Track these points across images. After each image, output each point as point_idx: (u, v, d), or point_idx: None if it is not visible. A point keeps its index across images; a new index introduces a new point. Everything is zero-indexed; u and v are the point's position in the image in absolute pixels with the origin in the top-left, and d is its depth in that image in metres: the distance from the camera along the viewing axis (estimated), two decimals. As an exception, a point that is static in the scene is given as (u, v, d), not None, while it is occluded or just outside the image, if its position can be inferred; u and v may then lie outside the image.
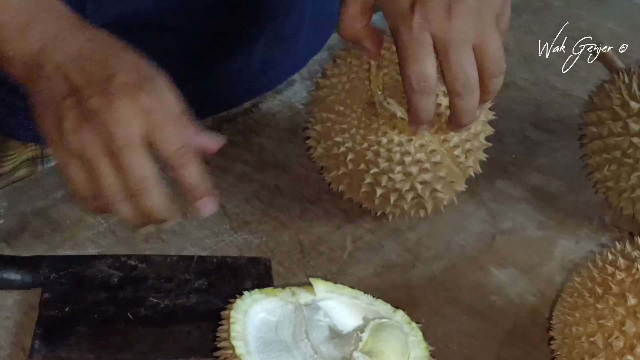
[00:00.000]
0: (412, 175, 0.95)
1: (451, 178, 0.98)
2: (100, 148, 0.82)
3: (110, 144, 0.81)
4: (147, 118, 0.82)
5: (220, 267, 0.96)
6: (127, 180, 0.82)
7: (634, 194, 1.02)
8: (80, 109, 0.82)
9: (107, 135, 0.81)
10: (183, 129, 0.84)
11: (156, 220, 0.86)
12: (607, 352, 0.78)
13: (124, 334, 0.88)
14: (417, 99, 0.89)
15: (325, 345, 0.82)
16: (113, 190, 0.83)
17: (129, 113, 0.81)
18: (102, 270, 0.94)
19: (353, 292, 0.88)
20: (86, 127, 0.81)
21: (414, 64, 0.87)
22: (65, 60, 0.84)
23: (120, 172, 0.82)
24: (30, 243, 0.99)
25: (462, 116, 0.91)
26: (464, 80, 0.88)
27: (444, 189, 0.98)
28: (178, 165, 0.84)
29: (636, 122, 1.00)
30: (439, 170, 0.96)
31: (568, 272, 1.00)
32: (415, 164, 0.94)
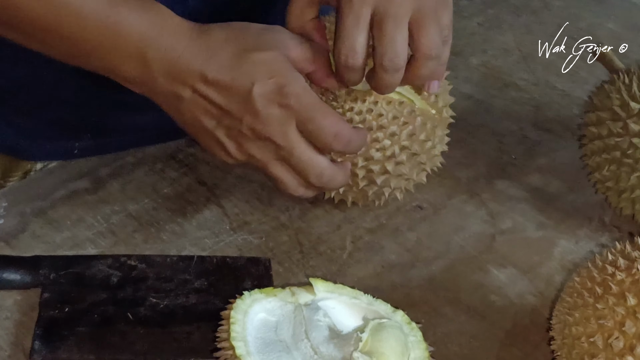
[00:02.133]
0: (396, 135, 0.95)
1: (432, 122, 0.98)
2: (271, 157, 0.91)
3: (277, 153, 0.90)
4: (297, 118, 0.88)
5: (220, 267, 0.96)
6: (308, 178, 0.92)
7: (633, 194, 1.02)
8: (236, 132, 0.90)
9: (271, 147, 0.90)
10: (326, 115, 0.89)
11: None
12: (607, 353, 0.78)
13: (124, 334, 0.88)
14: (343, 72, 0.91)
15: (325, 346, 0.82)
16: (296, 184, 0.93)
17: (280, 122, 0.88)
18: (102, 271, 0.94)
19: (353, 292, 0.88)
20: (250, 147, 0.91)
21: (346, 39, 0.90)
22: (197, 78, 0.88)
23: (298, 173, 0.92)
24: (30, 243, 0.99)
25: (381, 88, 0.92)
26: (392, 55, 0.89)
27: (426, 151, 0.99)
28: (339, 150, 0.91)
29: (636, 123, 1.00)
30: (415, 120, 0.96)
31: (568, 272, 1.00)
32: (393, 120, 0.95)
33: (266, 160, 0.92)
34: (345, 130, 0.90)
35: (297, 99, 0.87)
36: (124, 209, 1.04)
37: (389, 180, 0.98)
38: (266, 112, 0.88)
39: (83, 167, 1.10)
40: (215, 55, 0.88)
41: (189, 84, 0.89)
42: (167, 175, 1.09)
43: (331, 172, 0.92)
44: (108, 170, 1.09)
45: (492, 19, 1.44)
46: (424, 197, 1.09)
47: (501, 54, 1.37)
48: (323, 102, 0.90)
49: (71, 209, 1.03)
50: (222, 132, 0.91)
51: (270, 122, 0.88)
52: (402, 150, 0.96)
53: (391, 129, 0.95)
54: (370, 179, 0.98)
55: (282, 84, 0.87)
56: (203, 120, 0.91)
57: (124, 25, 0.87)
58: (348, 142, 0.91)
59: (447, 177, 1.13)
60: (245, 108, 0.88)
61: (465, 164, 1.15)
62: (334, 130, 0.89)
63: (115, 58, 0.88)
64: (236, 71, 0.88)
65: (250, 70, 0.87)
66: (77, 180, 1.08)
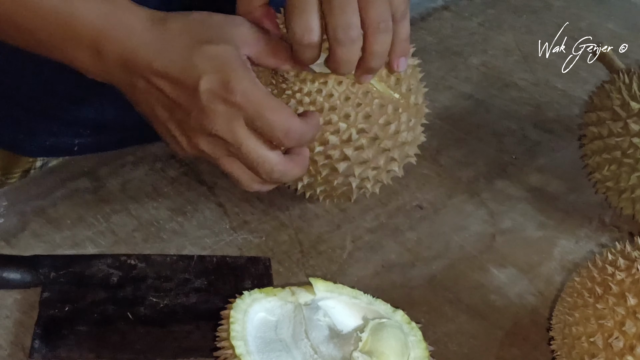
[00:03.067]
0: (350, 117, 0.92)
1: (394, 105, 0.94)
2: (221, 153, 0.89)
3: (227, 149, 0.88)
4: (244, 114, 0.86)
5: (220, 267, 0.96)
6: (259, 174, 0.89)
7: (634, 194, 1.02)
8: (187, 125, 0.88)
9: (220, 143, 0.88)
10: (275, 111, 0.86)
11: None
12: (607, 353, 0.78)
13: (124, 333, 0.88)
14: (301, 51, 0.89)
15: (325, 345, 0.82)
16: (249, 179, 0.91)
17: (226, 118, 0.86)
18: (102, 270, 0.94)
19: (353, 291, 0.87)
20: (200, 141, 0.88)
21: (298, 17, 0.88)
22: (148, 70, 0.87)
23: (249, 169, 0.89)
24: (30, 242, 0.99)
25: (339, 65, 0.90)
26: (345, 26, 0.87)
27: (390, 137, 0.95)
28: (291, 146, 0.89)
29: (636, 123, 1.00)
30: (371, 101, 0.93)
31: (568, 272, 1.00)
32: (346, 102, 0.92)
33: (217, 155, 0.90)
34: (296, 125, 0.87)
35: (244, 95, 0.85)
36: (124, 208, 1.04)
37: (352, 168, 0.95)
38: (212, 107, 0.86)
39: (83, 166, 1.10)
40: (167, 47, 0.87)
41: (142, 75, 0.87)
42: (167, 175, 1.09)
43: (282, 167, 0.89)
44: (108, 169, 1.09)
45: (493, 19, 1.44)
46: (424, 196, 1.09)
47: (501, 54, 1.37)
48: (272, 97, 0.87)
49: (71, 208, 1.03)
50: (173, 125, 0.89)
51: (216, 118, 0.86)
52: (360, 134, 0.93)
53: (345, 110, 0.92)
54: (332, 167, 0.95)
55: (228, 79, 0.85)
56: (157, 110, 0.89)
57: (78, 15, 0.87)
58: (300, 137, 0.88)
59: (447, 176, 1.13)
60: (192, 102, 0.86)
61: (465, 164, 1.15)
62: (285, 127, 0.86)
63: (70, 48, 0.88)
64: (185, 64, 0.86)
65: (199, 63, 0.85)
66: (77, 180, 1.08)
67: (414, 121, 0.97)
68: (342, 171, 0.95)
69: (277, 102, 0.87)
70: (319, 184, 0.97)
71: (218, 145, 0.88)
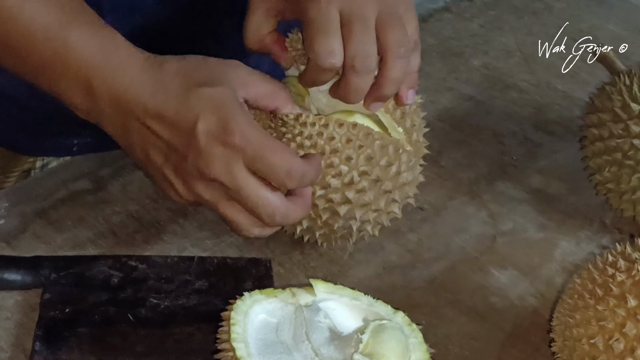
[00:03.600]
0: (352, 160, 0.90)
1: (394, 146, 0.92)
2: (220, 197, 0.85)
3: (226, 193, 0.85)
4: (244, 156, 0.83)
5: (221, 268, 0.96)
6: (260, 218, 0.86)
7: (634, 195, 1.02)
8: (183, 170, 0.85)
9: (219, 187, 0.84)
10: (276, 152, 0.83)
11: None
12: (608, 354, 0.78)
13: (124, 335, 0.88)
14: (319, 72, 0.88)
15: (326, 347, 0.82)
16: (249, 224, 0.87)
17: (225, 161, 0.83)
18: (103, 271, 0.94)
19: (353, 293, 0.87)
20: (198, 186, 0.85)
21: (322, 39, 0.87)
22: (142, 111, 0.84)
23: (249, 212, 0.86)
24: (31, 243, 0.99)
25: (350, 94, 0.89)
26: (364, 55, 0.87)
27: (391, 178, 0.92)
28: (293, 187, 0.86)
29: (637, 124, 1.00)
30: (372, 143, 0.90)
31: (568, 273, 1.00)
32: (347, 144, 0.89)
33: (215, 200, 0.86)
34: (297, 165, 0.84)
35: (243, 137, 0.82)
36: (124, 209, 1.04)
37: (353, 211, 0.92)
38: (209, 150, 0.82)
39: (84, 168, 1.10)
40: (162, 88, 0.84)
41: (136, 116, 0.85)
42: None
43: (284, 210, 0.86)
44: (109, 170, 1.09)
45: (493, 21, 1.44)
46: (425, 198, 1.09)
47: (502, 56, 1.37)
48: (271, 138, 0.84)
49: (72, 209, 1.03)
50: (169, 169, 0.86)
51: (214, 161, 0.83)
52: (362, 176, 0.90)
53: (346, 152, 0.89)
54: (333, 210, 0.92)
55: (226, 120, 0.82)
56: (151, 154, 0.86)
57: (71, 50, 0.84)
58: (302, 177, 0.85)
59: (448, 178, 1.13)
60: (189, 145, 0.83)
61: (466, 165, 1.15)
62: (286, 167, 0.83)
63: (62, 82, 0.86)
64: (181, 106, 0.83)
65: (195, 105, 0.83)
66: (77, 181, 1.08)
67: (413, 161, 0.95)
68: (343, 214, 0.92)
69: (277, 142, 0.85)
70: (319, 227, 0.94)
71: (216, 190, 0.85)
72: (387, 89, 0.90)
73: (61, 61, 0.84)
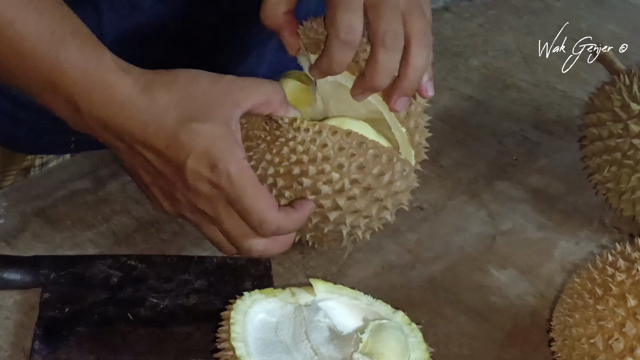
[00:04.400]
0: (344, 167, 0.89)
1: (388, 155, 0.91)
2: (203, 221, 0.89)
3: (209, 219, 0.88)
4: (226, 196, 0.85)
5: (220, 268, 0.96)
6: (238, 249, 0.89)
7: (634, 195, 1.02)
8: (170, 193, 0.88)
9: (203, 214, 0.88)
10: (253, 200, 0.85)
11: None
12: (607, 354, 0.78)
13: (124, 334, 0.88)
14: (337, 48, 0.88)
15: (325, 347, 0.82)
16: (231, 248, 0.91)
17: (209, 198, 0.85)
18: (102, 271, 0.94)
19: (353, 292, 0.87)
20: (183, 209, 0.88)
21: (345, 13, 0.86)
22: (131, 139, 0.85)
23: (229, 241, 0.89)
24: (30, 243, 0.99)
25: (378, 73, 0.88)
26: (395, 33, 0.87)
27: (383, 187, 0.92)
28: (267, 236, 0.88)
29: (636, 124, 1.00)
30: (365, 152, 0.90)
31: (568, 273, 1.00)
32: (340, 152, 0.89)
33: (199, 222, 0.89)
34: (271, 218, 0.85)
35: (228, 179, 0.84)
36: (124, 209, 1.04)
37: (344, 217, 0.92)
38: (196, 186, 0.85)
39: (83, 167, 1.10)
40: (154, 121, 0.84)
41: (125, 141, 0.86)
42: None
43: (262, 247, 0.89)
44: (108, 170, 1.09)
45: (493, 20, 1.44)
46: (424, 197, 1.09)
47: (502, 55, 1.37)
48: (255, 184, 0.85)
49: (71, 208, 1.03)
50: (156, 189, 0.89)
51: (200, 196, 0.86)
52: (353, 184, 0.90)
53: (338, 160, 0.89)
54: (323, 215, 0.92)
55: (214, 162, 0.83)
56: (140, 173, 0.89)
57: (59, 72, 0.84)
58: (277, 230, 0.87)
59: (448, 177, 1.13)
60: (178, 177, 0.85)
61: (465, 165, 1.15)
62: (259, 219, 0.85)
63: (51, 99, 0.86)
64: (172, 141, 0.84)
65: (187, 142, 0.84)
66: (77, 180, 1.08)
67: (407, 170, 0.95)
68: (333, 220, 0.92)
69: (259, 190, 0.86)
70: (309, 230, 0.94)
71: (201, 215, 0.88)
72: (413, 78, 0.89)
73: (49, 81, 0.84)
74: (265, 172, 0.90)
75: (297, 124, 0.89)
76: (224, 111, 0.85)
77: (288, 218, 0.88)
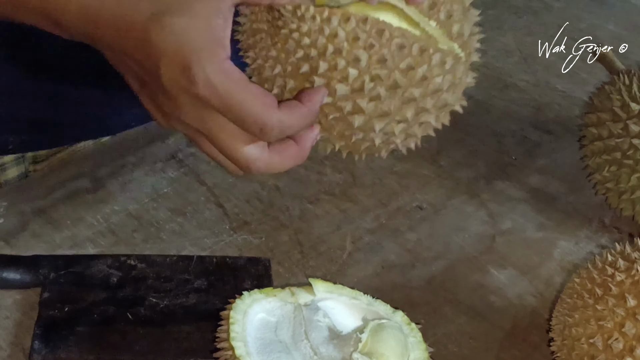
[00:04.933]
0: (361, 61, 0.75)
1: (421, 44, 0.77)
2: (197, 136, 0.77)
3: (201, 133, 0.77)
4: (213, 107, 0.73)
5: (220, 267, 0.96)
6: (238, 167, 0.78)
7: (633, 195, 1.02)
8: (157, 102, 0.76)
9: (194, 128, 0.76)
10: (246, 105, 0.72)
11: None
12: (607, 354, 0.78)
13: (124, 334, 0.88)
14: None
15: (325, 346, 0.82)
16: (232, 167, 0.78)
17: (194, 109, 0.74)
18: (102, 270, 0.94)
19: (352, 292, 0.87)
20: (174, 122, 0.77)
21: None
22: (108, 48, 0.76)
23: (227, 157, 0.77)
24: (30, 242, 0.99)
25: None
26: None
27: (417, 83, 0.78)
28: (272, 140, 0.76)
29: (636, 124, 1.00)
30: (389, 42, 0.76)
31: (568, 273, 1.00)
32: (354, 42, 0.75)
33: (194, 137, 0.78)
34: (272, 120, 0.73)
35: (207, 86, 0.71)
36: (124, 208, 1.04)
37: (371, 122, 0.79)
38: (177, 97, 0.73)
39: (83, 167, 1.10)
40: (123, 19, 0.73)
41: (107, 48, 0.76)
42: (167, 175, 1.09)
43: (263, 164, 0.76)
44: (108, 169, 1.09)
45: (493, 20, 1.44)
46: (424, 197, 1.09)
47: (502, 55, 1.37)
48: (244, 85, 0.72)
49: (71, 208, 1.03)
50: (146, 99, 0.78)
51: (183, 107, 0.73)
52: (376, 82, 0.76)
53: (354, 53, 0.75)
54: (345, 120, 0.79)
55: (188, 65, 0.70)
56: (129, 80, 0.78)
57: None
58: (282, 131, 0.74)
59: (447, 177, 1.13)
60: (156, 85, 0.74)
61: (465, 165, 1.15)
62: (259, 123, 0.73)
63: (33, 18, 0.78)
64: (143, 43, 0.72)
65: (158, 40, 0.71)
66: (77, 180, 1.08)
67: (451, 63, 0.79)
68: (357, 126, 0.78)
69: (249, 91, 0.73)
70: (336, 138, 0.81)
71: (192, 130, 0.77)
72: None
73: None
74: (272, 72, 0.78)
75: (302, 12, 0.75)
76: (207, 2, 0.72)
77: (294, 113, 0.75)
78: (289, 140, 0.77)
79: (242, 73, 0.73)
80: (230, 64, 0.72)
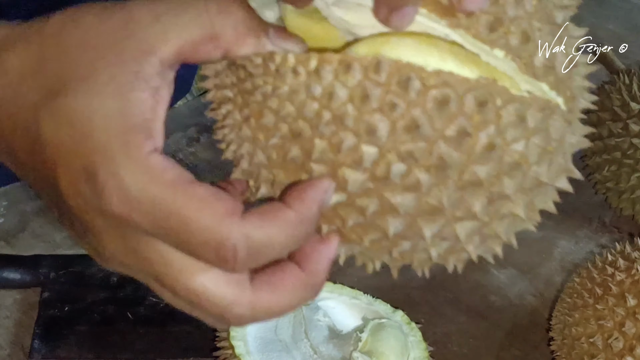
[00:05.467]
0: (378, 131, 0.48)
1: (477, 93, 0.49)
2: (142, 276, 0.55)
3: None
4: (145, 229, 0.49)
5: (220, 267, 0.96)
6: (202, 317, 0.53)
7: (633, 194, 1.02)
8: (80, 235, 0.52)
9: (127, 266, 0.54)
10: (187, 218, 0.48)
11: None
12: (607, 353, 0.78)
13: (124, 333, 0.88)
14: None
15: (325, 346, 0.82)
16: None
17: (118, 238, 0.50)
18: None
19: (353, 292, 0.87)
20: (106, 262, 0.54)
21: None
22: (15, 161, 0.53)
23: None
24: (30, 242, 0.99)
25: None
26: None
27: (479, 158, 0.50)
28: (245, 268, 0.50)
29: (636, 123, 1.00)
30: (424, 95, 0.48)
31: (568, 272, 1.00)
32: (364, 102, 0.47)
33: (143, 280, 0.54)
34: (233, 237, 0.47)
35: (122, 199, 0.47)
36: (124, 208, 1.04)
37: (418, 226, 0.51)
38: (89, 222, 0.49)
39: (83, 166, 1.10)
40: (5, 107, 0.50)
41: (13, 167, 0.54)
42: (167, 175, 1.09)
43: (243, 309, 0.50)
44: (108, 169, 1.09)
45: (493, 20, 1.44)
46: (424, 197, 1.09)
47: (501, 55, 1.36)
48: (180, 188, 0.49)
49: (71, 208, 1.03)
50: (69, 231, 0.53)
51: (103, 238, 0.49)
52: (407, 162, 0.48)
53: (365, 120, 0.48)
54: (373, 226, 0.52)
55: (92, 172, 0.47)
56: (48, 205, 0.54)
57: None
58: (254, 252, 0.48)
59: (447, 177, 1.13)
60: (66, 209, 0.50)
61: (465, 164, 1.15)
62: (212, 244, 0.47)
63: None
64: (33, 142, 0.49)
65: (49, 138, 0.48)
66: (77, 180, 1.08)
67: (537, 116, 0.52)
68: (394, 232, 0.51)
69: (193, 195, 0.49)
70: (370, 252, 0.56)
71: (136, 270, 0.53)
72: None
73: None
74: (251, 161, 0.52)
75: (276, 64, 0.49)
76: (120, 67, 0.48)
77: (273, 224, 0.49)
78: (287, 265, 0.51)
79: (179, 169, 0.50)
80: (160, 158, 0.49)
